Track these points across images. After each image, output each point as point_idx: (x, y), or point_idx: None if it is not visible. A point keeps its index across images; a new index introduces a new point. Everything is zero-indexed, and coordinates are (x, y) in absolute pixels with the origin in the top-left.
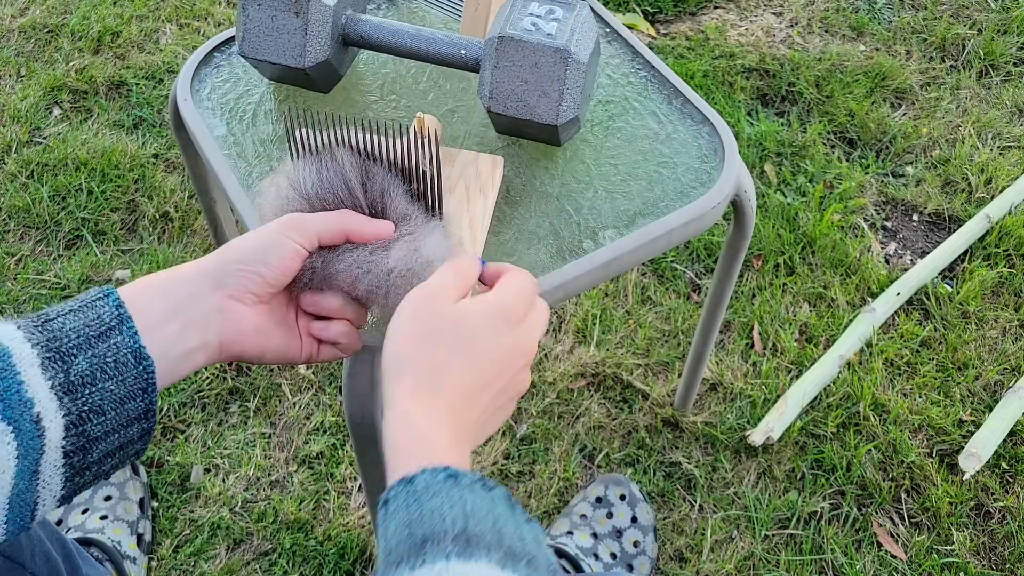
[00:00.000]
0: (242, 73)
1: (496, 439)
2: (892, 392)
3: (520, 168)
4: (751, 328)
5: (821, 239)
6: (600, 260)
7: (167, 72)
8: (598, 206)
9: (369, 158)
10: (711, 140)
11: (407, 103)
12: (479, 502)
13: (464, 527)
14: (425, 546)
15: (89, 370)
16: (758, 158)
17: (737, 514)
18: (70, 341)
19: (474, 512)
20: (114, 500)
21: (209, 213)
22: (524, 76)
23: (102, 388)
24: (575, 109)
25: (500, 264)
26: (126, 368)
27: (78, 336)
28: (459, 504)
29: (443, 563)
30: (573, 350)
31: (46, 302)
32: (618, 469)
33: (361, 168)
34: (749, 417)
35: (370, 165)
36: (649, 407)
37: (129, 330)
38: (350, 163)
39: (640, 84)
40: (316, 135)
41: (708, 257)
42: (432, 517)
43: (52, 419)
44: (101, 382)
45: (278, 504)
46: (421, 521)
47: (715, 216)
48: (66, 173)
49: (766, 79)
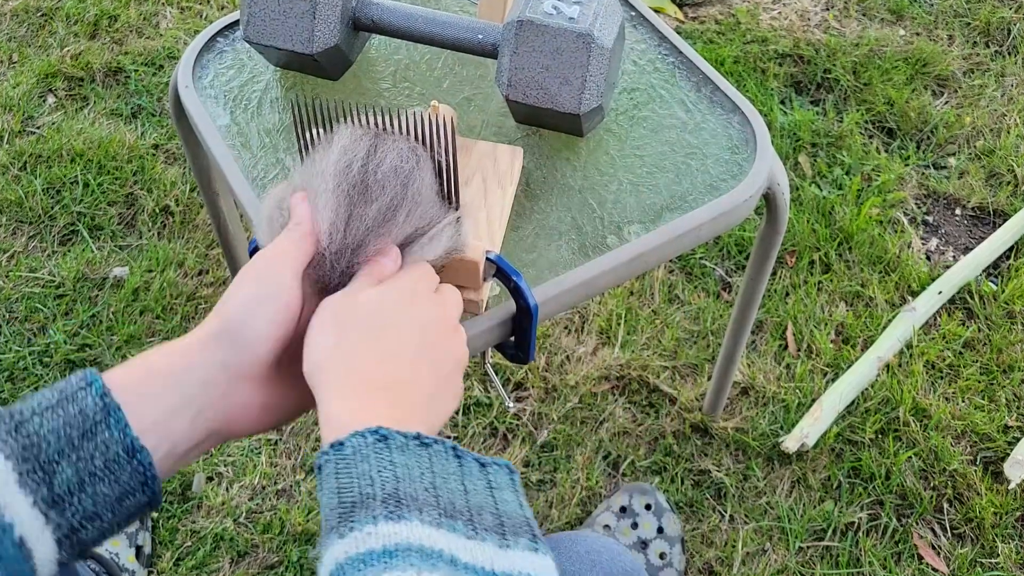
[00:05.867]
0: (247, 59)
1: (515, 446)
2: (933, 396)
3: (540, 160)
4: (784, 328)
5: (858, 234)
6: (625, 257)
7: (167, 58)
8: (623, 200)
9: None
10: (742, 130)
11: (421, 91)
12: (412, 461)
13: (395, 489)
14: (354, 512)
15: (76, 477)
16: (792, 149)
17: (770, 525)
18: (50, 447)
19: (407, 473)
20: None
21: (212, 207)
22: (545, 62)
23: (93, 493)
24: (598, 97)
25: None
26: (119, 466)
27: (59, 439)
28: (389, 466)
29: (371, 526)
30: (596, 352)
31: (40, 301)
32: (644, 477)
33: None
34: (782, 422)
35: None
36: (677, 412)
37: (118, 423)
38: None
39: (667, 71)
40: (324, 136)
41: (739, 254)
42: (361, 481)
43: (39, 538)
44: (91, 486)
45: (285, 514)
46: (350, 487)
47: (746, 210)
48: (61, 165)
49: (800, 65)
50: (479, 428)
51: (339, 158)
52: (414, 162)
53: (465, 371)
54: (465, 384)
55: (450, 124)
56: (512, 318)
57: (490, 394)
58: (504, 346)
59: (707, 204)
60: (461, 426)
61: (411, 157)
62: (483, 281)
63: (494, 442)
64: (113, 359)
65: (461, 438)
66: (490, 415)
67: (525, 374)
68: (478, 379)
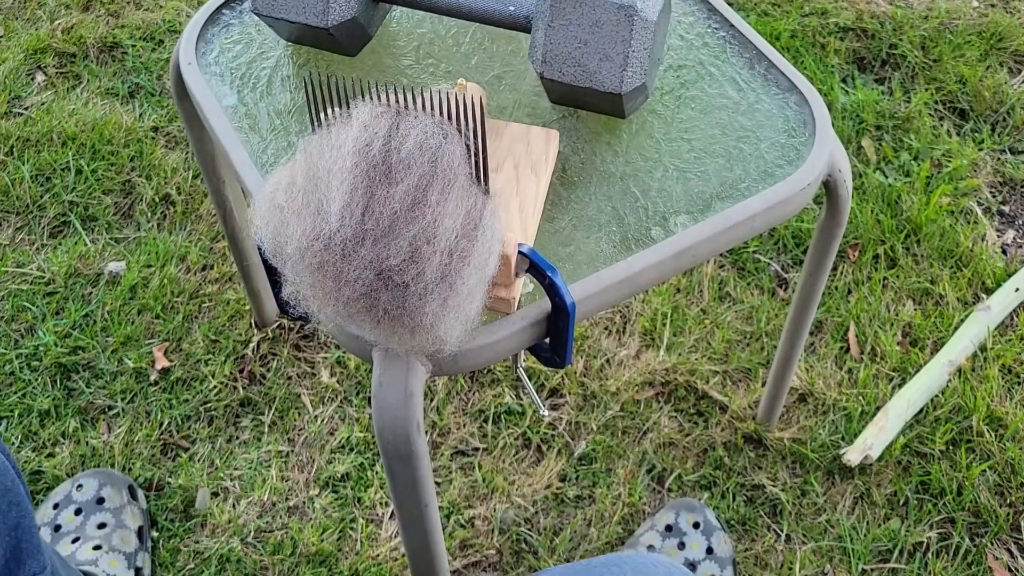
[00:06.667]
0: (255, 33)
1: (550, 458)
2: (1010, 404)
3: (578, 144)
4: (846, 329)
5: (927, 226)
6: (671, 250)
7: (168, 32)
8: (668, 188)
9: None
10: (800, 111)
11: (447, 68)
12: None
13: None
14: None
15: None
16: (854, 132)
17: (830, 545)
18: None
19: None
20: (109, 528)
21: (217, 196)
22: (583, 37)
23: None
24: (642, 75)
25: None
26: None
27: None
28: None
29: None
30: (640, 355)
31: (28, 299)
32: (692, 493)
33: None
34: (844, 433)
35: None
36: (728, 421)
37: None
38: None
39: (717, 46)
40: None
41: (796, 247)
42: None
43: None
44: None
45: (297, 533)
46: None
47: (804, 199)
48: (51, 149)
49: (864, 40)
50: (510, 439)
51: (358, 135)
52: (441, 137)
53: (496, 376)
54: (495, 391)
55: (479, 105)
56: (547, 318)
57: (522, 401)
58: (538, 349)
59: (761, 192)
60: (491, 436)
61: (438, 132)
62: (515, 277)
63: (527, 454)
64: (108, 363)
65: (491, 449)
66: (523, 424)
67: (561, 379)
68: (509, 385)
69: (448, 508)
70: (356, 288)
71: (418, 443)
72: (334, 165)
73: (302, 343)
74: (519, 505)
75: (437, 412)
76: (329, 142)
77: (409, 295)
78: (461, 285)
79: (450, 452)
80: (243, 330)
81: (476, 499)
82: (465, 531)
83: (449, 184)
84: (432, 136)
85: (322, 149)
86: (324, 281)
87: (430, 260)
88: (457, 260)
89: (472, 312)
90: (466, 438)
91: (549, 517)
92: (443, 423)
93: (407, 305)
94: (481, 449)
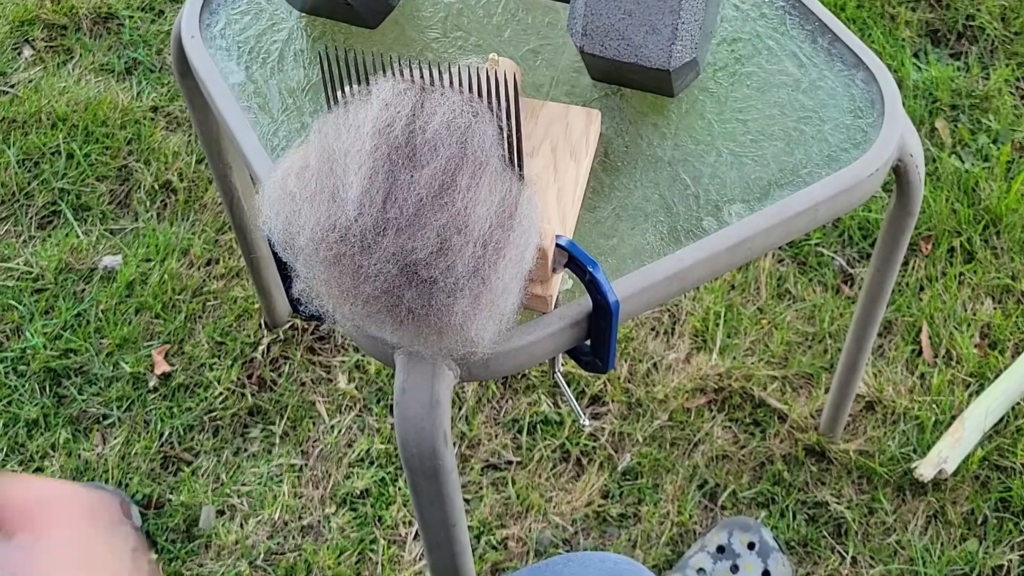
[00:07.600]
0: (265, 3)
1: (591, 472)
2: None
3: (622, 125)
4: (918, 330)
5: (1008, 216)
6: (725, 243)
7: (169, 1)
8: (722, 174)
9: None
10: (867, 89)
11: (477, 41)
12: None
13: None
14: None
15: None
16: (927, 112)
17: (901, 568)
18: None
19: None
20: None
21: (223, 182)
22: (627, 7)
23: None
24: (692, 50)
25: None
26: None
27: None
28: None
29: None
30: (690, 358)
31: (14, 296)
32: (747, 511)
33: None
34: (916, 445)
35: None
36: (787, 432)
37: None
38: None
39: (776, 17)
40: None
41: (864, 239)
42: None
43: None
44: None
45: (311, 556)
46: None
47: (872, 186)
48: (39, 131)
49: (938, 11)
50: (547, 451)
51: (379, 114)
52: (471, 116)
53: (531, 382)
54: (531, 398)
55: (512, 82)
56: (587, 317)
57: (561, 409)
58: (578, 352)
59: (824, 179)
60: (526, 449)
61: (467, 111)
62: (552, 272)
63: (565, 468)
64: (103, 367)
65: (526, 463)
66: (561, 435)
67: (603, 385)
68: (547, 392)
69: (478, 528)
70: (377, 284)
71: (445, 456)
72: (352, 147)
73: (317, 345)
74: (557, 524)
75: (466, 422)
76: (346, 122)
77: (437, 291)
78: (496, 280)
79: (480, 466)
80: (252, 331)
81: (509, 518)
82: (497, 553)
83: (480, 168)
84: (461, 115)
85: (339, 129)
86: (341, 277)
87: (461, 252)
88: (492, 252)
89: (507, 310)
90: (498, 450)
91: (590, 538)
92: (473, 434)
93: (434, 303)
94: (515, 463)
